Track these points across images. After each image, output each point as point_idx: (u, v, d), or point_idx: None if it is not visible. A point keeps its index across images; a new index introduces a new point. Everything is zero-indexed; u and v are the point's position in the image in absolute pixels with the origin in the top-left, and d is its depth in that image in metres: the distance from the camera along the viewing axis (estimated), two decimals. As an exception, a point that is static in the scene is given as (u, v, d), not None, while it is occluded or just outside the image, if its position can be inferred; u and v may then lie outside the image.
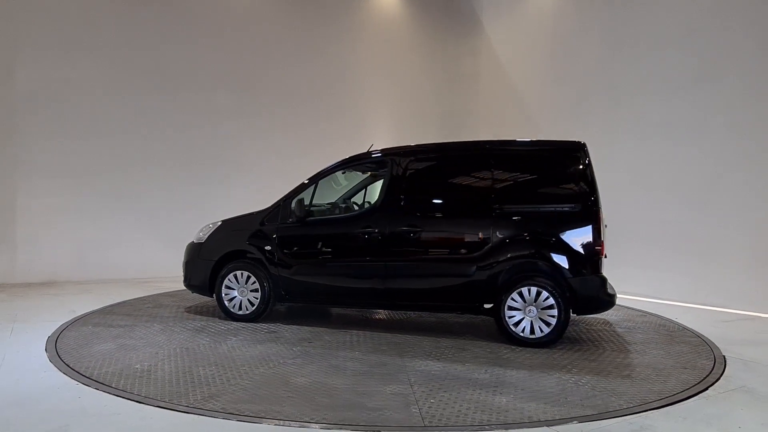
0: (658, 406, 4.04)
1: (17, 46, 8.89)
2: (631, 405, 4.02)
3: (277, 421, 3.68)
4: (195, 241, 7.02)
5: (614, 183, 8.66)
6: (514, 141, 6.38)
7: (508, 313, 5.63)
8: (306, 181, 6.57)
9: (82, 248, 9.39)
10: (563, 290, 5.51)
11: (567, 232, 5.60)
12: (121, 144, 9.70)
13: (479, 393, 4.26)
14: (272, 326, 6.40)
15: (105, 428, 3.50)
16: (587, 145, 5.89)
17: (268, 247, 6.48)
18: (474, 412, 3.88)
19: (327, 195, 7.11)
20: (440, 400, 4.11)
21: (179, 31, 10.21)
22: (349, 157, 6.67)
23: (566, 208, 5.72)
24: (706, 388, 4.46)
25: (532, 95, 11.45)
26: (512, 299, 5.62)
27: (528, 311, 5.58)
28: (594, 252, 5.51)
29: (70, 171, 9.29)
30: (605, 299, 5.62)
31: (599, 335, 6.12)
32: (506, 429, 3.59)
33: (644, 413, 3.89)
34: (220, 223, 6.94)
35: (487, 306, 5.83)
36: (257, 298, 6.49)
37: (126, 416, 3.70)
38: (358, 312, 7.20)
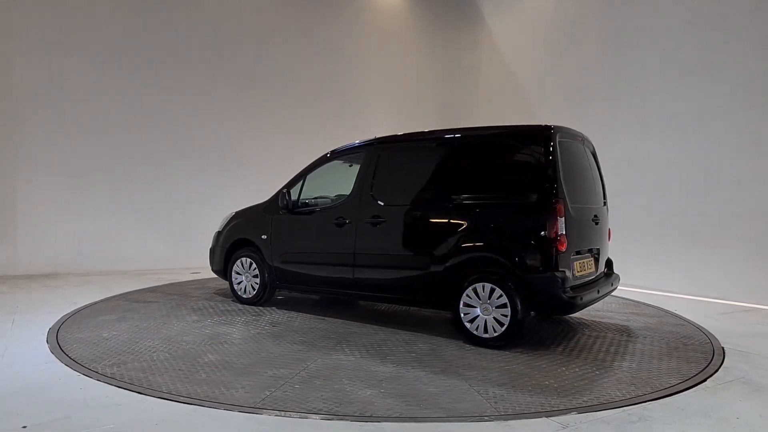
0: (656, 397, 4.05)
1: (17, 42, 8.87)
2: (510, 412, 3.68)
3: (137, 387, 4.07)
4: (217, 230, 7.56)
5: (614, 175, 8.67)
6: (476, 128, 6.00)
7: (463, 309, 5.36)
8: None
9: (82, 241, 9.42)
10: (517, 288, 5.10)
11: (522, 224, 5.15)
12: (121, 138, 9.71)
13: (352, 385, 4.20)
14: (265, 310, 6.82)
15: (106, 419, 3.52)
16: (556, 129, 5.32)
17: (264, 236, 6.89)
18: (317, 401, 3.86)
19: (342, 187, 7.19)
20: (305, 387, 4.14)
21: (180, 28, 10.19)
22: (348, 146, 6.73)
23: (523, 199, 5.19)
24: (705, 380, 4.47)
25: (532, 87, 11.43)
26: (467, 295, 5.32)
27: (483, 309, 5.25)
28: (550, 247, 4.99)
29: (70, 164, 9.30)
30: (563, 301, 5.01)
31: (588, 342, 5.54)
32: (505, 420, 3.61)
33: (643, 404, 3.91)
34: (233, 213, 7.41)
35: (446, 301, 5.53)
36: (258, 284, 6.95)
37: (127, 407, 3.72)
38: (367, 304, 7.24)
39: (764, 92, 7.74)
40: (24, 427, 3.38)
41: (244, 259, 7.07)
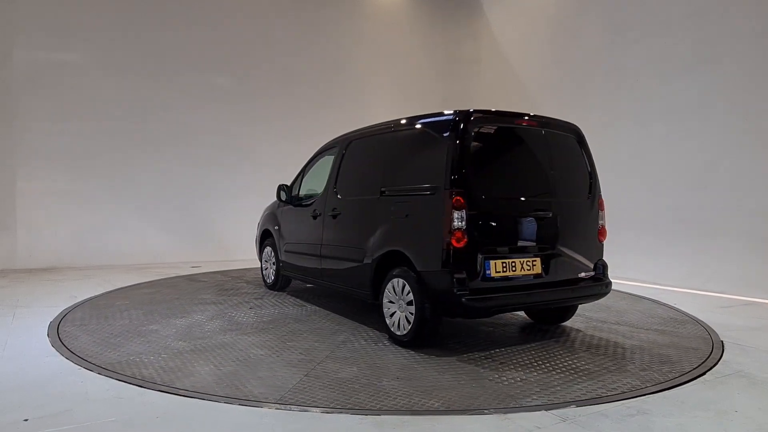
0: (655, 390, 4.06)
1: (15, 30, 8.84)
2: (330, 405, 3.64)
3: (78, 359, 4.57)
4: (258, 221, 8.19)
5: (614, 167, 8.66)
6: (404, 119, 5.65)
7: (386, 305, 5.21)
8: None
9: (82, 234, 9.43)
10: (420, 285, 4.82)
11: (423, 217, 4.87)
12: (120, 129, 9.70)
13: (208, 362, 4.51)
14: (274, 294, 7.49)
15: (107, 412, 3.53)
16: (471, 115, 4.86)
17: (276, 227, 7.49)
18: (152, 370, 4.29)
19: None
20: (168, 358, 4.58)
21: (178, 15, 10.15)
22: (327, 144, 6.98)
23: (428, 190, 4.87)
24: (704, 373, 4.48)
25: (532, 79, 11.40)
26: (388, 291, 5.17)
27: (399, 305, 5.06)
28: (445, 243, 4.59)
29: (69, 157, 9.30)
30: (460, 303, 4.54)
31: (523, 352, 4.94)
32: (504, 413, 3.62)
33: (641, 397, 3.92)
34: (268, 206, 8.03)
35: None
36: (275, 271, 7.58)
37: (128, 400, 3.73)
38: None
39: (765, 86, 7.71)
40: (26, 420, 3.39)
41: (268, 248, 7.78)
